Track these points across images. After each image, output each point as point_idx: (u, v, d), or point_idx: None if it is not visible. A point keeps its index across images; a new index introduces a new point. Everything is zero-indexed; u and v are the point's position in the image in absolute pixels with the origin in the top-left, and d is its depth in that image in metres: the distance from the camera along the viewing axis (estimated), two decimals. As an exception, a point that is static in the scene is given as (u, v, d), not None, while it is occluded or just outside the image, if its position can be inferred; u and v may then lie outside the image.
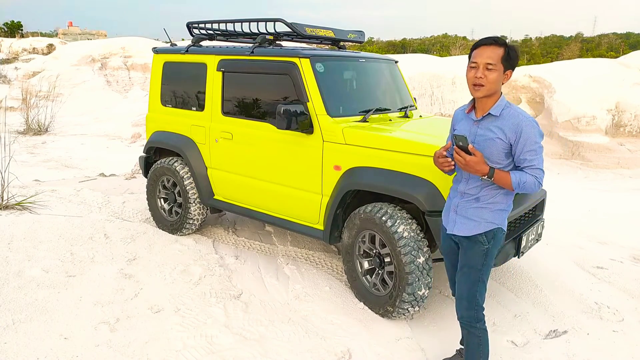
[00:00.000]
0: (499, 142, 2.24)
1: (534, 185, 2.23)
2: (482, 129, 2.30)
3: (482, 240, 2.36)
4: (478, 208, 2.35)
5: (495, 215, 2.35)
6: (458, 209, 2.41)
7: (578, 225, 5.31)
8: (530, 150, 2.21)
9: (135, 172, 7.11)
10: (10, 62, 23.83)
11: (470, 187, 2.37)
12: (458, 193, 2.43)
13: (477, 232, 2.35)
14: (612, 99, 9.84)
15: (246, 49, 3.98)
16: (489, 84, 2.20)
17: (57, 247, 4.07)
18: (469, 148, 2.21)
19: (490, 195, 2.33)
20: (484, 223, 2.34)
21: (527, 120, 2.22)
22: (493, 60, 2.18)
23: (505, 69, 2.22)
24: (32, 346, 2.78)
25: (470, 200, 2.37)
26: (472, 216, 2.36)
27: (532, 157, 2.22)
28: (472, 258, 2.39)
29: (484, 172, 2.22)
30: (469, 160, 2.21)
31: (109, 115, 14.87)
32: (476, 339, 2.46)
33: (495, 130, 2.25)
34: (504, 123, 2.24)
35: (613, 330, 3.24)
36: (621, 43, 45.50)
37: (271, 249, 4.47)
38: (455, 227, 2.43)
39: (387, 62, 4.44)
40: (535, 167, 2.22)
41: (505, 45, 2.22)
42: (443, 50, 41.53)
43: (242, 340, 3.00)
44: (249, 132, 3.96)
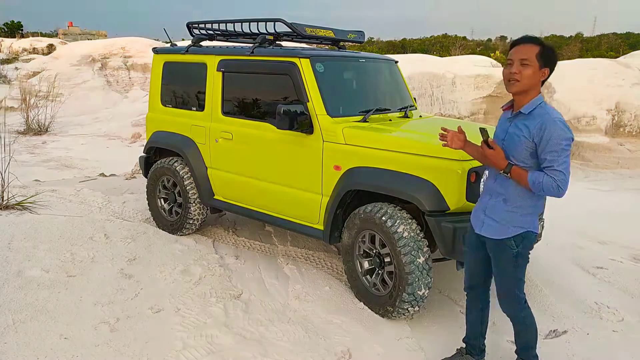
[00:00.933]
0: (524, 141, 2.25)
1: (552, 187, 2.18)
2: (512, 126, 2.34)
3: (510, 244, 2.38)
4: (507, 211, 2.36)
5: (524, 219, 2.36)
6: (487, 210, 2.44)
7: (578, 225, 5.31)
8: (552, 150, 2.18)
9: (135, 172, 7.11)
10: (11, 62, 23.85)
11: (498, 184, 2.39)
12: (487, 192, 2.47)
13: (505, 236, 2.37)
14: (612, 99, 9.85)
15: (246, 49, 3.98)
16: (524, 80, 2.23)
17: (57, 247, 4.07)
18: (488, 141, 2.26)
19: (518, 198, 2.34)
20: (512, 228, 2.36)
21: (553, 120, 2.20)
22: (527, 56, 2.22)
23: (542, 67, 2.24)
24: (32, 346, 2.78)
25: (499, 201, 2.38)
26: (501, 220, 2.38)
27: (552, 158, 2.18)
28: (504, 262, 2.43)
29: (502, 166, 2.26)
30: (488, 153, 2.27)
31: (109, 115, 14.86)
32: (523, 326, 2.55)
33: (522, 129, 2.27)
34: (531, 122, 2.25)
35: (613, 330, 3.24)
36: (621, 43, 45.48)
37: (271, 249, 4.47)
38: (483, 228, 2.46)
39: (387, 62, 4.44)
40: (553, 168, 2.18)
41: (541, 44, 2.25)
42: (443, 50, 41.52)
43: (242, 340, 3.00)
44: (249, 132, 3.96)
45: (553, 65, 2.27)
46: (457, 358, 2.83)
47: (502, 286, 2.50)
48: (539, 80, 2.27)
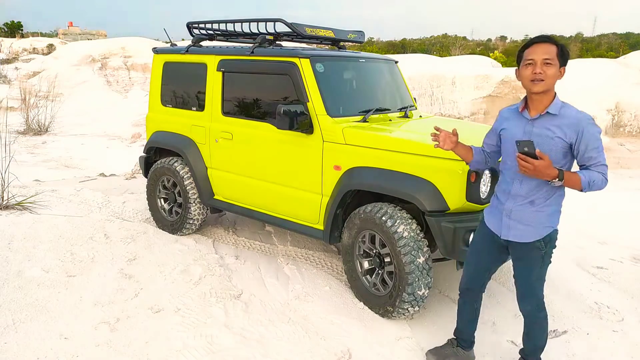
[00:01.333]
0: (559, 142, 2.22)
1: (602, 182, 2.21)
2: (538, 127, 2.27)
3: (539, 245, 2.37)
4: (534, 212, 2.33)
5: (551, 218, 2.35)
6: (512, 214, 2.38)
7: (578, 225, 5.31)
8: (594, 147, 2.20)
9: (135, 172, 7.11)
10: (11, 62, 23.84)
11: (524, 189, 2.33)
12: (510, 196, 2.38)
13: (535, 238, 2.35)
14: (612, 99, 9.85)
15: (246, 49, 3.98)
16: (548, 79, 2.21)
17: (57, 247, 4.07)
18: (536, 153, 2.15)
19: (545, 198, 2.31)
20: (541, 228, 2.34)
21: (587, 118, 2.22)
22: (550, 56, 2.20)
23: (560, 65, 2.24)
24: (32, 346, 2.78)
25: (525, 204, 2.34)
26: (530, 222, 2.34)
27: (597, 155, 2.21)
28: (531, 263, 2.41)
29: (554, 175, 2.17)
30: (538, 165, 2.15)
31: (109, 115, 14.86)
32: (538, 327, 2.55)
33: (554, 130, 2.23)
34: (564, 122, 2.23)
35: (613, 330, 3.24)
36: (621, 43, 45.49)
37: (271, 249, 4.47)
38: (510, 232, 2.40)
39: (387, 62, 4.44)
40: (601, 163, 2.21)
41: (558, 44, 2.25)
42: (443, 50, 41.53)
43: (242, 340, 3.00)
44: (249, 132, 3.96)
45: (566, 64, 2.27)
46: (448, 349, 2.85)
47: (526, 287, 2.48)
48: (557, 80, 2.26)
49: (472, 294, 2.71)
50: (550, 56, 2.20)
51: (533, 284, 2.46)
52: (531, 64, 2.23)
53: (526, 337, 2.63)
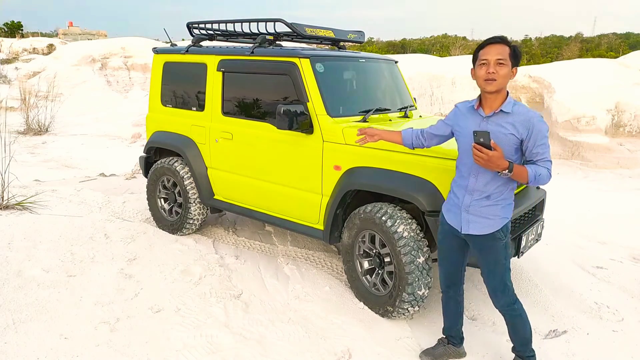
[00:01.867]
0: (512, 138, 2.33)
1: (547, 177, 2.33)
2: (492, 124, 2.37)
3: (499, 236, 2.48)
4: (491, 206, 2.44)
5: (506, 210, 2.47)
6: (470, 209, 2.48)
7: (578, 225, 5.31)
8: (541, 144, 2.32)
9: (135, 172, 7.11)
10: (11, 62, 23.81)
11: (480, 183, 2.43)
12: (467, 191, 2.48)
13: (494, 229, 2.46)
14: (612, 99, 9.84)
15: (246, 49, 3.98)
16: (501, 79, 2.30)
17: (57, 247, 4.07)
18: (491, 144, 2.26)
19: (500, 192, 2.43)
20: (498, 219, 2.45)
21: (537, 116, 2.35)
22: (503, 56, 2.30)
23: (513, 65, 2.33)
24: (32, 346, 2.78)
25: (482, 198, 2.45)
26: (487, 214, 2.45)
27: (543, 151, 2.33)
28: (495, 254, 2.51)
29: (504, 166, 2.28)
30: (492, 156, 2.25)
31: (109, 115, 14.86)
32: (519, 319, 2.62)
33: (507, 127, 2.34)
34: (516, 119, 2.33)
35: (613, 330, 3.24)
36: (621, 43, 45.47)
37: (271, 249, 4.47)
38: (470, 226, 2.49)
39: (387, 62, 4.44)
40: (546, 159, 2.34)
41: (510, 44, 2.34)
42: (443, 50, 41.53)
43: (242, 340, 3.00)
44: (249, 132, 3.96)
45: (519, 64, 2.38)
46: (439, 348, 2.90)
47: (495, 279, 2.56)
48: (509, 80, 2.36)
49: (453, 289, 2.79)
50: (502, 57, 2.30)
51: (503, 276, 2.55)
52: (485, 64, 2.32)
53: (512, 333, 2.70)
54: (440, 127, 2.67)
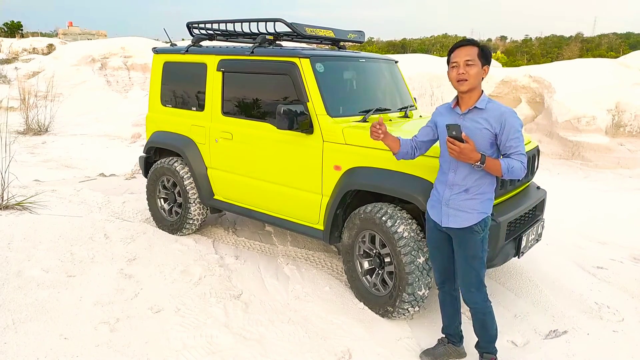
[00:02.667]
0: (486, 132, 2.43)
1: (520, 170, 2.40)
2: (468, 121, 2.48)
3: (477, 229, 2.53)
4: (468, 200, 2.51)
5: (484, 204, 2.53)
6: (450, 202, 2.56)
7: (578, 225, 5.31)
8: (514, 137, 2.40)
9: (135, 172, 7.11)
10: (10, 62, 23.80)
11: (458, 177, 2.51)
12: (447, 186, 2.56)
13: (472, 222, 2.51)
14: (612, 99, 9.84)
15: (246, 49, 3.98)
16: (471, 78, 2.42)
17: (57, 247, 4.07)
18: (462, 136, 2.35)
19: (478, 186, 2.50)
20: (476, 214, 2.51)
21: (510, 111, 2.45)
22: (471, 57, 2.41)
23: (483, 65, 2.44)
24: (32, 346, 2.78)
25: (461, 192, 2.52)
26: (465, 208, 2.52)
27: (516, 144, 2.40)
28: (473, 247, 2.55)
29: (477, 158, 2.36)
30: (464, 148, 2.34)
31: (109, 115, 14.85)
32: (489, 315, 2.66)
33: (481, 122, 2.44)
34: (489, 115, 2.44)
35: (613, 330, 3.24)
36: (621, 43, 45.47)
37: (271, 249, 4.47)
38: (449, 220, 2.56)
39: (387, 62, 4.44)
40: (519, 152, 2.41)
41: (478, 44, 2.46)
42: (443, 50, 41.52)
43: (242, 340, 3.00)
44: (249, 132, 3.96)
45: (489, 63, 2.48)
46: (439, 348, 2.91)
47: (470, 275, 2.59)
48: (481, 78, 2.46)
49: (448, 284, 2.81)
50: (471, 57, 2.41)
51: (479, 271, 2.58)
52: (455, 66, 2.45)
53: (481, 330, 2.72)
54: (424, 132, 2.74)
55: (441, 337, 2.96)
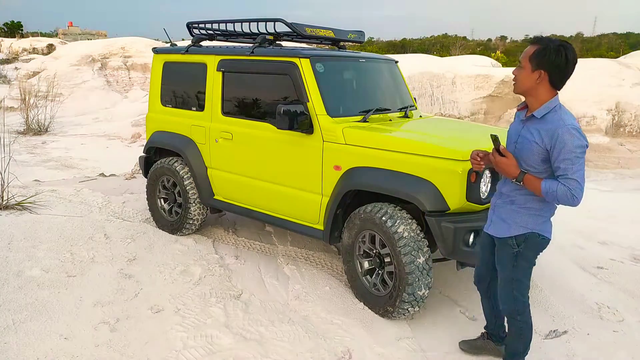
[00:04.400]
0: (535, 147, 2.20)
1: (567, 197, 2.12)
2: (525, 129, 2.29)
3: (510, 243, 2.39)
4: (512, 211, 2.37)
5: (528, 219, 2.33)
6: (496, 210, 2.48)
7: (578, 226, 5.31)
8: (565, 159, 2.11)
9: (135, 172, 7.11)
10: (10, 62, 23.82)
11: (506, 187, 2.40)
12: (498, 193, 2.47)
13: (507, 235, 2.38)
14: (612, 99, 9.85)
15: (246, 49, 3.98)
16: (517, 82, 2.25)
17: (57, 247, 4.07)
18: (500, 149, 2.23)
19: (524, 200, 2.32)
20: (514, 226, 2.36)
21: (566, 127, 2.11)
22: (522, 58, 2.22)
23: (534, 69, 2.17)
24: (32, 346, 2.78)
25: (506, 201, 2.40)
26: (506, 218, 2.40)
27: (566, 166, 2.11)
28: (503, 258, 2.46)
29: (514, 174, 2.23)
30: (499, 161, 2.24)
31: (109, 115, 14.86)
32: (517, 329, 2.55)
33: (534, 133, 2.22)
34: (543, 127, 2.18)
35: (613, 330, 3.24)
36: (621, 43, 45.46)
37: (271, 249, 4.47)
38: (490, 226, 2.51)
39: (387, 62, 4.44)
40: (568, 177, 2.11)
41: (539, 44, 2.17)
42: (443, 50, 41.53)
43: (242, 340, 3.00)
44: (249, 132, 3.96)
45: (548, 67, 2.15)
46: (478, 341, 2.92)
47: (501, 284, 2.53)
48: (535, 83, 2.19)
49: (482, 286, 2.78)
50: (522, 58, 2.22)
51: (506, 284, 2.47)
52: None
53: (508, 338, 2.66)
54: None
55: (483, 332, 2.95)
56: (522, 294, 2.47)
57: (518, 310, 2.49)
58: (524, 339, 2.57)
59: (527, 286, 2.48)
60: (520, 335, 2.56)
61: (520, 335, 2.56)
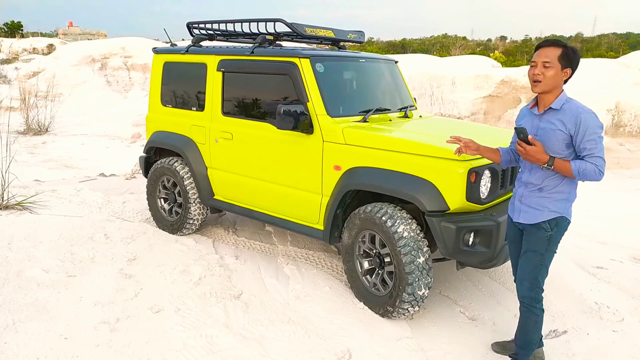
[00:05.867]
0: (560, 134, 2.41)
1: (595, 173, 2.35)
2: (543, 122, 2.48)
3: (545, 227, 2.52)
4: (541, 197, 2.52)
5: (558, 204, 2.50)
6: (522, 199, 2.59)
7: (578, 225, 5.30)
8: (590, 139, 2.35)
9: (135, 172, 7.11)
10: (11, 62, 23.81)
11: (533, 177, 2.53)
12: (522, 183, 2.60)
13: (542, 219, 2.52)
14: (612, 99, 9.85)
15: (246, 49, 3.98)
16: (546, 80, 2.41)
17: (57, 247, 4.07)
18: (528, 139, 2.38)
19: (553, 185, 2.49)
20: (547, 212, 2.51)
21: (586, 112, 2.39)
22: (549, 59, 2.39)
23: (564, 67, 2.40)
24: (32, 346, 2.78)
25: (534, 190, 2.53)
26: (536, 205, 2.53)
27: (592, 146, 2.35)
28: (536, 243, 2.56)
29: (544, 160, 2.39)
30: (529, 150, 2.39)
31: (109, 115, 14.86)
32: (534, 318, 2.64)
33: (556, 123, 2.42)
34: (564, 116, 2.41)
35: (613, 330, 3.24)
36: (621, 43, 45.45)
37: (271, 249, 4.47)
38: (520, 215, 2.60)
39: (387, 62, 4.44)
40: (594, 155, 2.35)
41: (564, 47, 2.40)
42: (443, 50, 41.52)
43: (242, 340, 3.00)
44: (249, 132, 3.96)
45: (575, 65, 2.43)
46: (512, 343, 2.91)
47: (525, 267, 2.60)
48: (561, 80, 2.42)
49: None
50: (549, 59, 2.39)
51: (536, 268, 2.57)
52: (534, 65, 2.44)
53: (519, 329, 2.71)
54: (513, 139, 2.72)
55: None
56: (543, 280, 2.61)
57: (538, 298, 2.61)
58: (539, 328, 2.67)
59: (547, 274, 2.62)
60: (536, 324, 2.65)
61: (536, 324, 2.65)
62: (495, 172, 3.08)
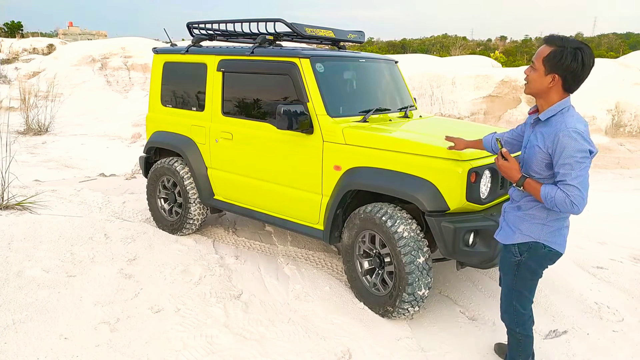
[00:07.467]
0: (538, 151, 2.11)
1: (565, 203, 2.00)
2: (532, 134, 2.21)
3: (512, 251, 2.31)
4: (517, 217, 2.29)
5: (533, 228, 2.23)
6: (505, 214, 2.40)
7: (578, 225, 5.30)
8: (564, 163, 2.00)
9: (135, 172, 7.11)
10: (11, 62, 23.81)
11: (514, 192, 2.33)
12: (510, 197, 2.40)
13: (510, 242, 2.32)
14: (612, 99, 9.85)
15: (246, 49, 3.98)
16: (529, 82, 2.15)
17: (57, 247, 4.07)
18: (502, 152, 2.20)
19: (529, 207, 2.24)
20: (518, 234, 2.27)
21: (567, 130, 2.00)
22: (535, 59, 2.11)
23: (547, 72, 2.07)
24: (32, 346, 2.78)
25: (514, 207, 2.33)
26: (511, 224, 2.32)
27: (565, 172, 2.00)
28: (505, 265, 2.39)
29: (514, 179, 2.18)
30: (501, 165, 2.21)
31: (109, 115, 14.85)
32: (515, 341, 2.49)
33: (538, 137, 2.14)
34: (547, 131, 2.09)
35: (613, 330, 3.24)
36: (621, 43, 45.48)
37: (271, 249, 4.47)
38: (499, 232, 2.43)
39: (387, 62, 4.44)
40: (567, 182, 2.00)
41: (554, 46, 2.06)
42: (443, 50, 41.54)
43: (242, 340, 3.00)
44: (249, 132, 3.96)
45: (562, 71, 2.05)
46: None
47: (503, 292, 2.48)
48: (548, 86, 2.09)
49: None
50: (535, 59, 2.11)
51: (507, 293, 2.41)
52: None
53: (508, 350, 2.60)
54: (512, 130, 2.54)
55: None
56: (522, 305, 2.38)
57: (517, 322, 2.42)
58: (523, 351, 2.50)
59: (528, 299, 2.38)
60: (518, 347, 2.49)
61: (518, 347, 2.49)
62: (496, 172, 3.08)
